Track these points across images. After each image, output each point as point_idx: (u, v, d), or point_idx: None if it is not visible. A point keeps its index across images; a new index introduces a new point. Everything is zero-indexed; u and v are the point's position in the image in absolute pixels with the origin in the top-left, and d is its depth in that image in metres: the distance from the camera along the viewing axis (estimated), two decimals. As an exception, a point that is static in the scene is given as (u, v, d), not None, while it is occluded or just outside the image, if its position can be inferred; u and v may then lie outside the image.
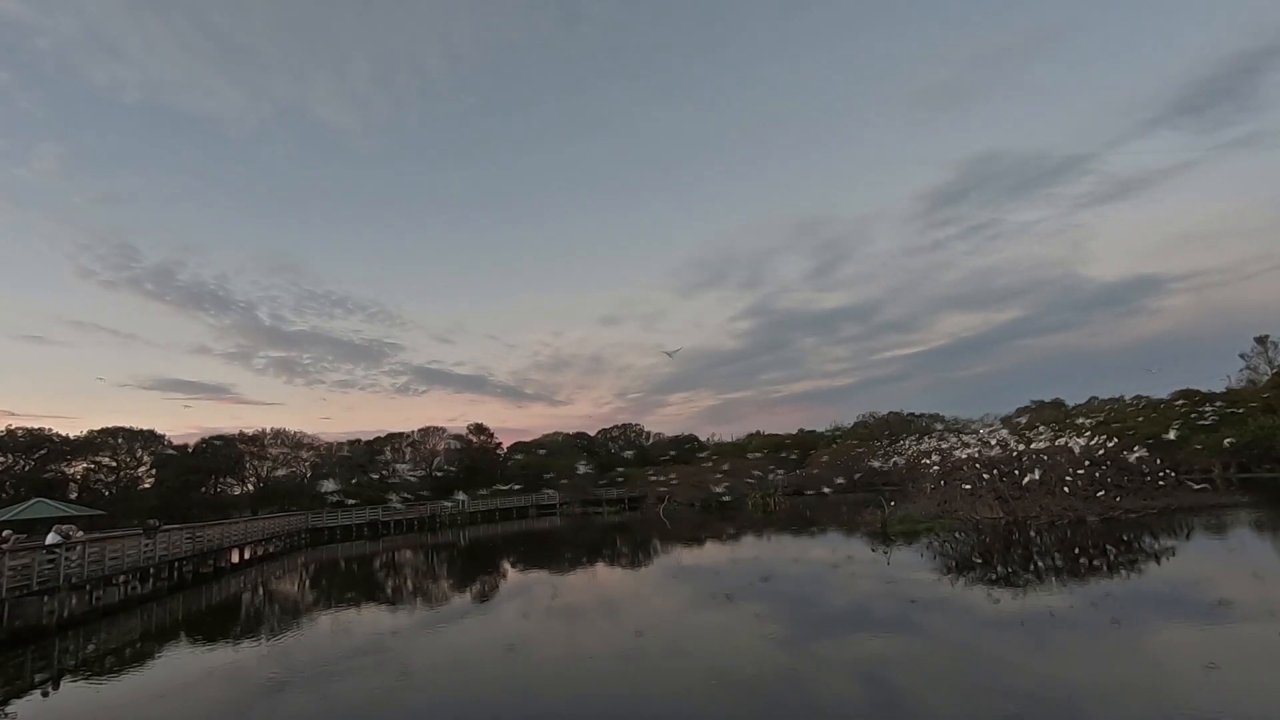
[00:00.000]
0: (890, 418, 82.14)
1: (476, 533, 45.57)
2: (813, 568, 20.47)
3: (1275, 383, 54.42)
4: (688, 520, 44.00)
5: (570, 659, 11.12)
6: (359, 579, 26.30)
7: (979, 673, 9.16)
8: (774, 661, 10.18)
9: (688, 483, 56.59)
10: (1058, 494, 26.00)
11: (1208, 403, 52.83)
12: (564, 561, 27.12)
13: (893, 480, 50.50)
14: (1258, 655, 9.03)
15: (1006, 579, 15.98)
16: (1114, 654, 9.56)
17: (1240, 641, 9.67)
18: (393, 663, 11.72)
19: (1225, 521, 23.64)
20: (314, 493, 58.20)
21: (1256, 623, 10.57)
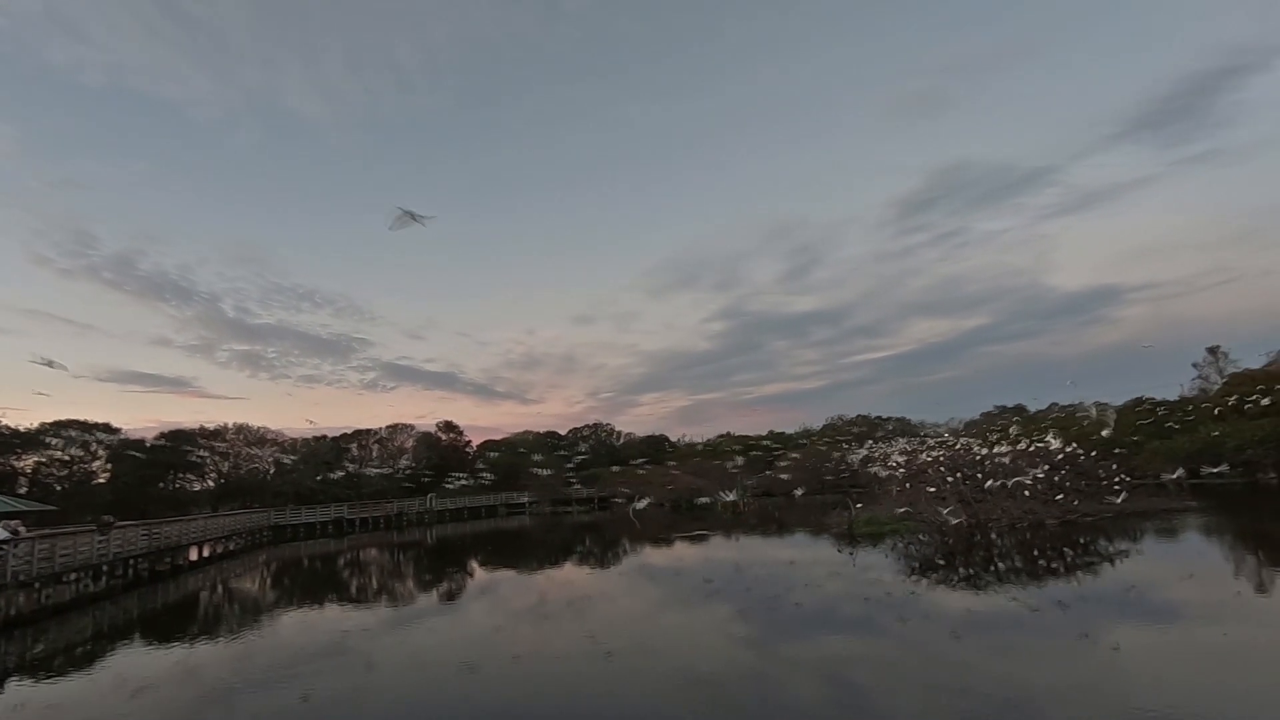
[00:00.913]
0: (858, 420, 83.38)
1: (444, 531, 45.10)
2: (780, 568, 20.67)
3: (1226, 392, 56.50)
4: (657, 520, 44.09)
5: (538, 658, 11.08)
6: (322, 577, 25.84)
7: (939, 673, 9.35)
8: (741, 661, 10.27)
9: (658, 483, 56.72)
10: (1019, 497, 26.67)
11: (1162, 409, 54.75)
12: (532, 561, 26.98)
13: (859, 482, 51.38)
14: (1205, 655, 9.39)
15: (968, 580, 16.36)
16: (1070, 654, 9.84)
17: (1188, 642, 10.05)
18: (356, 663, 11.55)
19: (1176, 525, 24.53)
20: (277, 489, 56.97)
21: (1203, 624, 11.00)
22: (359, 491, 59.12)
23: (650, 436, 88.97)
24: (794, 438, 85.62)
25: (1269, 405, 45.89)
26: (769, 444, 75.22)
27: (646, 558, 26.66)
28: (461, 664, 11.10)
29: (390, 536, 42.60)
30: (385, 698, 9.57)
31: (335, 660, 11.86)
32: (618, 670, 10.16)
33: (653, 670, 10.08)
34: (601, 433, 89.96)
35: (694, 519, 42.23)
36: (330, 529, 47.63)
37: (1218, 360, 65.45)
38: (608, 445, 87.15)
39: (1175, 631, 10.60)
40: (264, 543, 40.64)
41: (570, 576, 21.76)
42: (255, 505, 52.08)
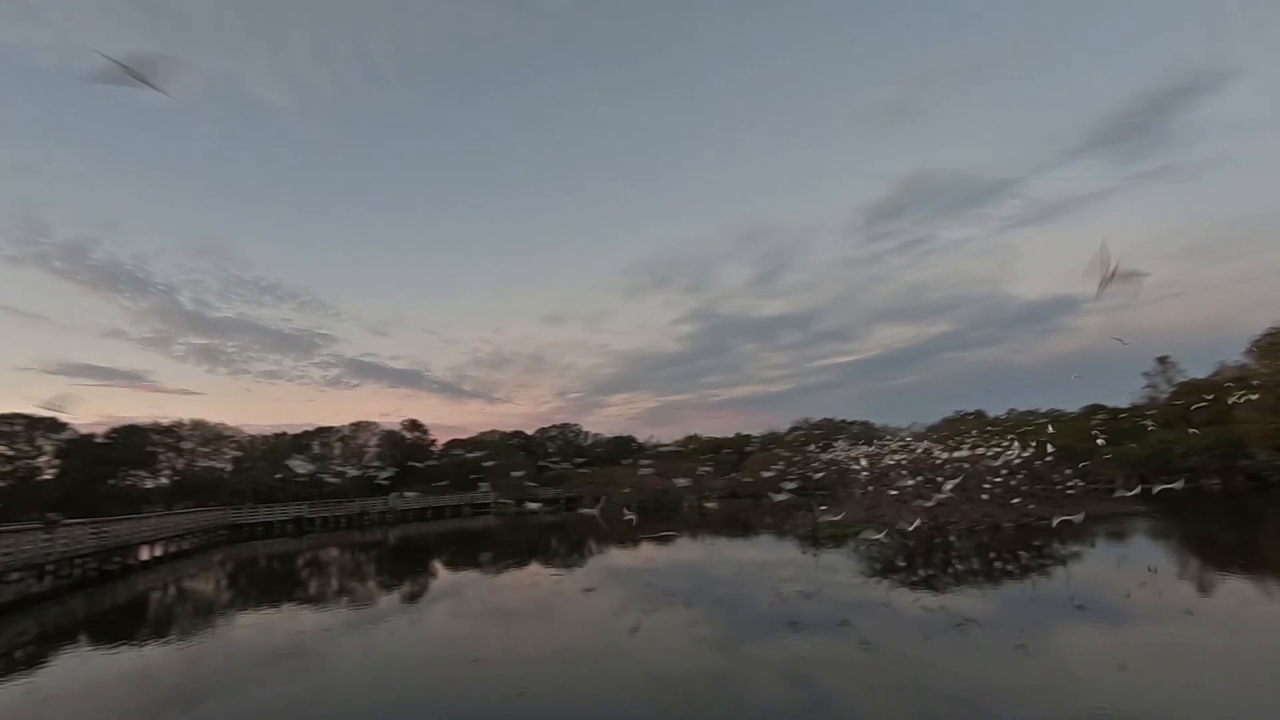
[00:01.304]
0: (824, 424, 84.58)
1: (407, 531, 44.52)
2: (745, 570, 20.93)
3: (1173, 400, 58.91)
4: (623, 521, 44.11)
5: (501, 660, 11.02)
6: (281, 578, 25.28)
7: (900, 673, 9.57)
8: (707, 662, 10.37)
9: (625, 483, 56.77)
10: (977, 501, 27.40)
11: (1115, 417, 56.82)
12: (497, 561, 26.79)
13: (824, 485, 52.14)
14: (1151, 656, 9.79)
15: (927, 581, 16.77)
16: (1024, 654, 10.17)
17: (1135, 642, 10.48)
18: (315, 666, 11.34)
19: (1125, 529, 25.49)
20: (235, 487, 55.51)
21: (1150, 625, 11.47)
22: (320, 490, 57.95)
23: (618, 437, 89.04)
24: (760, 440, 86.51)
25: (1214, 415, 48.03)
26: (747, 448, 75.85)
27: (612, 558, 26.71)
28: (423, 666, 10.99)
29: (351, 536, 41.85)
30: (343, 701, 9.42)
31: (292, 663, 11.62)
32: (583, 672, 10.16)
33: (618, 671, 10.12)
34: (569, 433, 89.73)
35: (660, 520, 42.37)
36: (289, 528, 46.54)
37: (1166, 370, 68.16)
38: (575, 445, 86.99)
39: (1123, 632, 11.03)
40: (220, 542, 39.55)
41: (535, 577, 21.67)
42: (211, 504, 50.62)
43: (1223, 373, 56.87)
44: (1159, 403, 63.19)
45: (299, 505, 49.61)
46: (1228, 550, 21.47)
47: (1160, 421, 55.27)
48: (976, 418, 75.71)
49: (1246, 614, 12.27)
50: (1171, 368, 67.75)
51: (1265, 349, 48.60)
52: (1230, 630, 11.07)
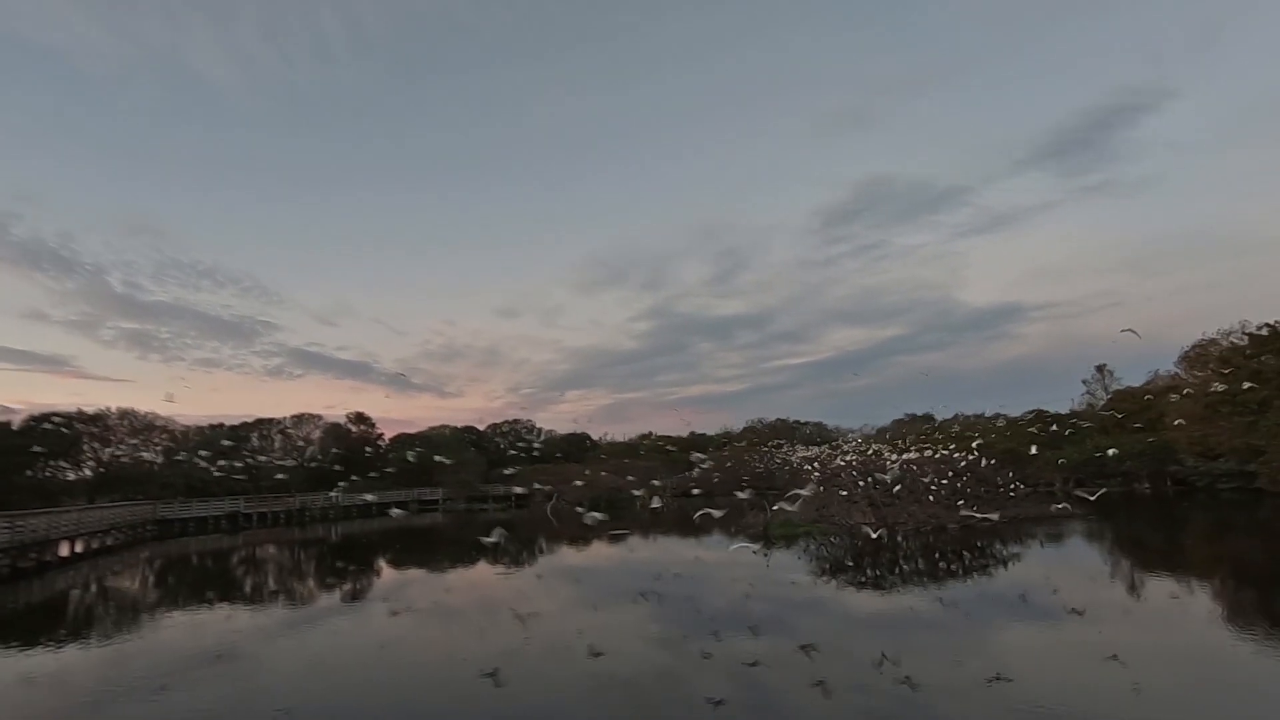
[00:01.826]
0: (777, 424, 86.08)
1: (350, 528, 43.63)
2: (696, 568, 21.13)
3: (1110, 407, 61.94)
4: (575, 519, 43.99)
5: (445, 660, 10.88)
6: (213, 576, 24.38)
7: (845, 671, 9.82)
8: (654, 662, 10.44)
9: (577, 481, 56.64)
10: (924, 502, 28.29)
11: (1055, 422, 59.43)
12: (443, 559, 26.48)
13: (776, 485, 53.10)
14: (1082, 653, 10.26)
15: (874, 581, 17.25)
16: (964, 652, 10.56)
17: (1071, 640, 10.97)
18: (247, 669, 10.97)
19: (1063, 531, 26.70)
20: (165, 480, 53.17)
21: (1082, 624, 12.02)
22: (258, 484, 56.01)
23: (572, 434, 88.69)
24: (715, 439, 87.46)
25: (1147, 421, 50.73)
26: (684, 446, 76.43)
27: (562, 557, 26.68)
28: (363, 668, 10.75)
29: (291, 533, 40.69)
30: (279, 705, 9.15)
31: (223, 665, 11.21)
32: (528, 672, 10.10)
33: (564, 672, 10.09)
34: (522, 429, 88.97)
35: (613, 518, 42.40)
36: (224, 524, 44.88)
37: (1104, 378, 71.67)
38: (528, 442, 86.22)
39: (1057, 631, 11.55)
40: (147, 538, 37.88)
41: (482, 576, 21.45)
42: (139, 497, 48.37)
43: (1156, 381, 60.12)
44: (1096, 409, 66.32)
45: (235, 500, 47.87)
46: (1157, 551, 22.71)
47: (1097, 427, 58.06)
48: (925, 420, 78.28)
49: (1174, 611, 13.01)
50: (1109, 375, 71.31)
51: (1194, 360, 51.62)
52: (1159, 628, 11.76)
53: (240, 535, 39.83)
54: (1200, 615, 12.78)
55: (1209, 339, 49.92)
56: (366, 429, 73.02)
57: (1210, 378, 45.38)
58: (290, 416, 69.53)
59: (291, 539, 37.45)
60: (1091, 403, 70.80)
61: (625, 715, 8.34)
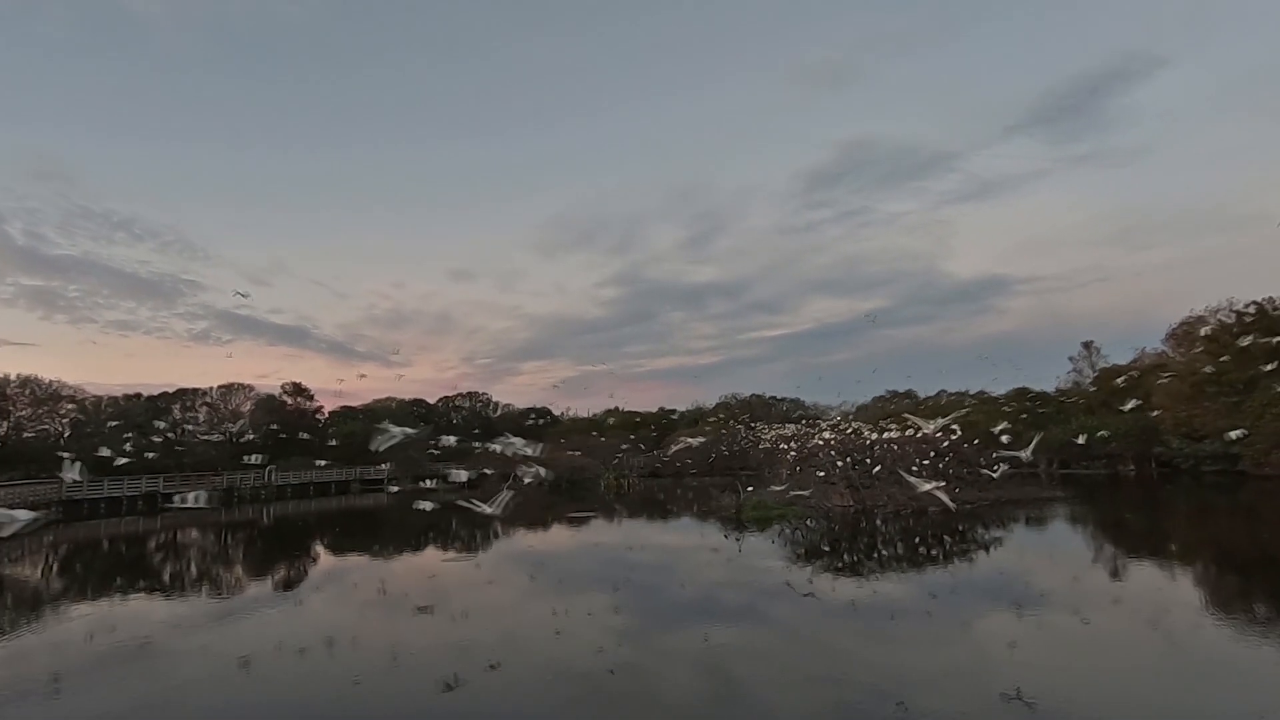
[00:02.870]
0: (752, 400, 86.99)
1: (285, 510, 42.88)
2: (663, 554, 21.31)
3: (1096, 385, 64.03)
4: (534, 501, 44.09)
5: (388, 655, 10.73)
6: (128, 563, 23.74)
7: (818, 662, 10.01)
8: (615, 654, 10.45)
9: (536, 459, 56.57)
10: (904, 484, 28.85)
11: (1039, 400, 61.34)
12: (388, 544, 26.27)
13: (750, 465, 53.85)
14: (1065, 641, 10.62)
15: (852, 567, 17.59)
16: (943, 640, 10.88)
17: (1051, 628, 11.33)
18: (164, 666, 10.67)
19: (1046, 514, 27.60)
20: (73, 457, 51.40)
21: (1065, 611, 12.44)
22: (180, 461, 54.60)
23: (531, 408, 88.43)
24: (686, 415, 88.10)
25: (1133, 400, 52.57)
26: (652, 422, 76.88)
27: (519, 542, 26.66)
28: (297, 664, 10.54)
29: (218, 515, 39.83)
30: (198, 705, 8.91)
31: (137, 663, 10.90)
32: (479, 667, 10.03)
33: (518, 666, 10.05)
34: (477, 402, 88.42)
35: (575, 499, 42.58)
36: (140, 505, 43.68)
37: (1090, 355, 73.93)
38: (483, 417, 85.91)
39: (1041, 618, 11.92)
40: (52, 521, 36.65)
41: (431, 563, 21.31)
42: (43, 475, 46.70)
43: (1142, 359, 62.21)
44: (1083, 388, 68.48)
45: (153, 479, 46.56)
46: (1141, 535, 23.64)
47: (1083, 406, 60.01)
48: (907, 397, 79.93)
49: (1158, 599, 13.50)
50: (1095, 353, 73.56)
51: (1181, 337, 53.43)
52: (1142, 615, 12.17)
53: (159, 518, 38.82)
54: (1183, 601, 13.30)
55: (1196, 316, 51.63)
56: (303, 401, 71.72)
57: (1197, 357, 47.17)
58: (218, 386, 67.74)
59: (218, 522, 36.74)
60: (1078, 381, 73.03)
61: (585, 714, 8.31)
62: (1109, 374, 63.21)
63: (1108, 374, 63.69)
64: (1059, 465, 52.57)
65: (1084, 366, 74.14)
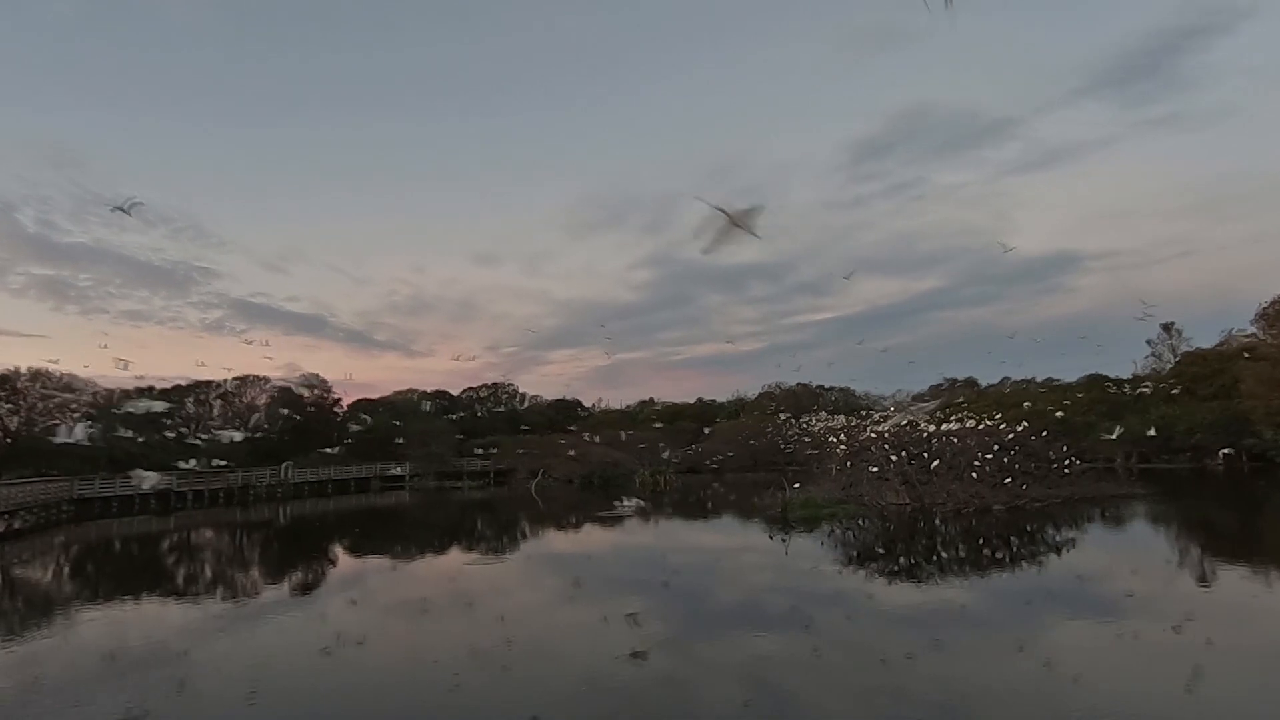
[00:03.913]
0: (798, 389, 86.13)
1: (302, 509, 43.75)
2: (703, 557, 21.22)
3: (1178, 371, 62.03)
4: (564, 499, 44.29)
5: (411, 663, 10.79)
6: (140, 565, 24.42)
7: (873, 675, 9.77)
8: (654, 665, 10.35)
9: (567, 455, 56.94)
10: (966, 480, 28.32)
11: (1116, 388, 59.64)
12: (410, 545, 26.61)
13: (797, 460, 53.42)
14: (1149, 654, 10.23)
15: (909, 571, 17.28)
16: (1010, 654, 10.56)
17: (1133, 640, 10.91)
18: (179, 673, 10.85)
19: (1124, 514, 26.81)
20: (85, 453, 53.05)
21: (1147, 620, 12.00)
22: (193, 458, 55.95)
23: (560, 400, 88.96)
24: (726, 407, 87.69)
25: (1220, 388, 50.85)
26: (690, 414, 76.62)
27: (549, 543, 26.82)
28: (316, 672, 10.65)
29: (232, 514, 40.87)
30: (214, 715, 9.00)
31: (150, 670, 11.09)
32: (507, 678, 10.01)
33: (549, 677, 10.00)
34: (502, 394, 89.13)
35: (608, 498, 42.64)
36: (153, 504, 44.96)
37: (1171, 338, 71.56)
38: (509, 409, 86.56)
39: (1118, 629, 11.49)
40: (63, 520, 37.90)
41: (455, 565, 21.49)
42: (53, 473, 48.30)
43: (1229, 342, 60.05)
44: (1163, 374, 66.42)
45: (166, 476, 47.83)
46: (1231, 538, 22.81)
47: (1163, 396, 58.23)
48: (968, 386, 78.40)
49: (1252, 608, 12.98)
50: (1177, 335, 71.20)
51: (1273, 318, 51.38)
52: (1236, 627, 11.69)
53: (172, 517, 39.94)
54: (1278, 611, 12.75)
55: (1290, 294, 49.69)
56: (322, 393, 72.96)
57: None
58: (232, 379, 69.18)
59: (233, 521, 37.62)
60: (1157, 367, 70.90)
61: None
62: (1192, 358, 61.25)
63: (1190, 359, 61.72)
64: (1138, 459, 51.12)
65: (1164, 350, 71.96)
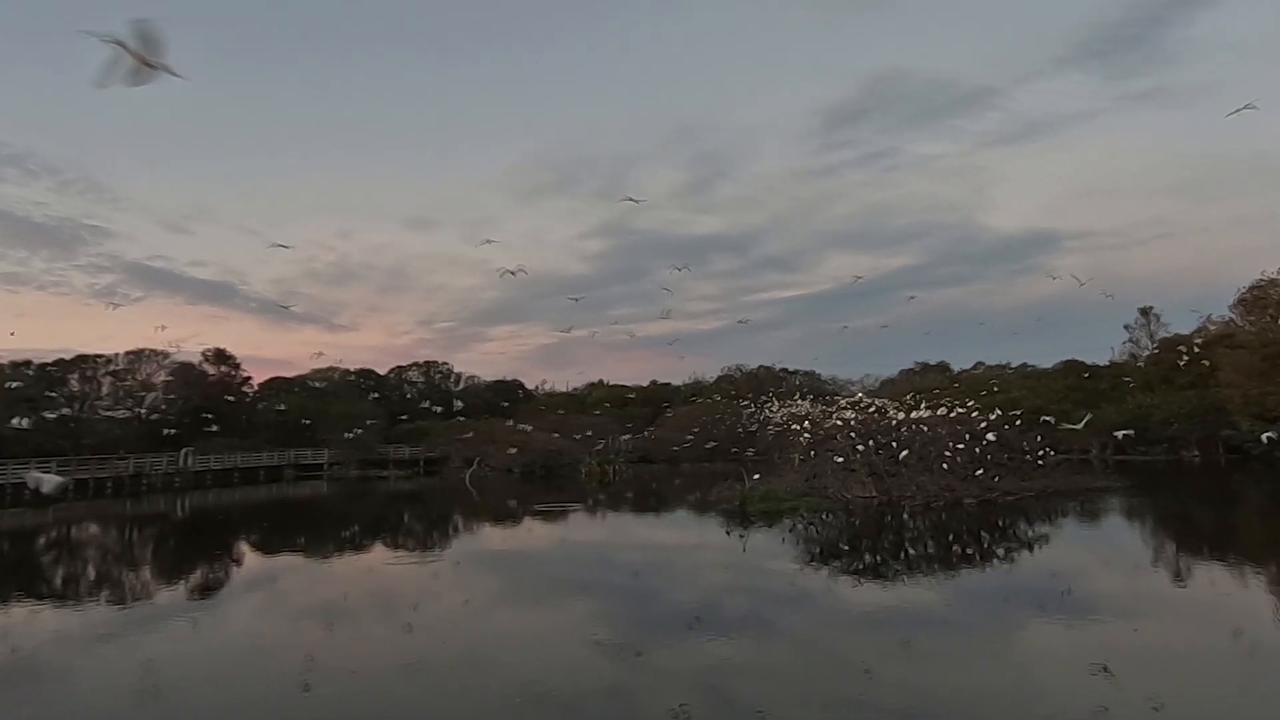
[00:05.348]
0: (761, 372, 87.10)
1: (203, 500, 42.89)
2: (654, 554, 21.34)
3: (1155, 359, 64.56)
4: (503, 490, 44.16)
5: (328, 674, 10.51)
6: (11, 564, 23.64)
7: (836, 681, 9.94)
8: (600, 673, 10.35)
9: (507, 442, 56.63)
10: (936, 472, 28.97)
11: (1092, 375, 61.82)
12: (327, 542, 26.21)
13: (757, 448, 54.06)
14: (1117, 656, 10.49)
15: (875, 570, 17.67)
16: (981, 656, 10.86)
17: (1102, 641, 11.24)
18: (52, 689, 10.40)
19: (1099, 507, 27.80)
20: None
21: (1119, 620, 12.45)
22: (78, 442, 53.93)
23: (500, 381, 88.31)
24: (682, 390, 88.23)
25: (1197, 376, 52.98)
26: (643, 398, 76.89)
27: (484, 540, 26.75)
28: (215, 686, 10.30)
29: (122, 507, 39.73)
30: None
31: (20, 687, 10.62)
32: (437, 689, 9.89)
33: (484, 688, 9.86)
34: (436, 374, 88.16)
35: (550, 489, 42.59)
36: (27, 495, 43.19)
37: (1149, 323, 74.47)
38: (443, 390, 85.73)
39: (1093, 630, 11.87)
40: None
41: (378, 565, 21.16)
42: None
43: (1207, 328, 62.61)
44: (1140, 360, 69.09)
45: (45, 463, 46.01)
46: (1208, 534, 23.81)
47: (1140, 382, 60.51)
48: (940, 370, 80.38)
49: (1229, 607, 13.54)
50: (1155, 320, 74.09)
51: (1251, 304, 53.54)
52: (1208, 627, 12.17)
53: (51, 510, 38.57)
54: (1256, 610, 13.33)
55: (1268, 279, 51.73)
56: (229, 370, 71.04)
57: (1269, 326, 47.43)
58: (125, 353, 66.81)
59: (123, 514, 36.71)
60: (1135, 353, 73.69)
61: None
62: (1170, 345, 63.69)
63: (1168, 345, 64.17)
64: (1114, 450, 53.06)
65: (1142, 336, 74.81)
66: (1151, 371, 62.07)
